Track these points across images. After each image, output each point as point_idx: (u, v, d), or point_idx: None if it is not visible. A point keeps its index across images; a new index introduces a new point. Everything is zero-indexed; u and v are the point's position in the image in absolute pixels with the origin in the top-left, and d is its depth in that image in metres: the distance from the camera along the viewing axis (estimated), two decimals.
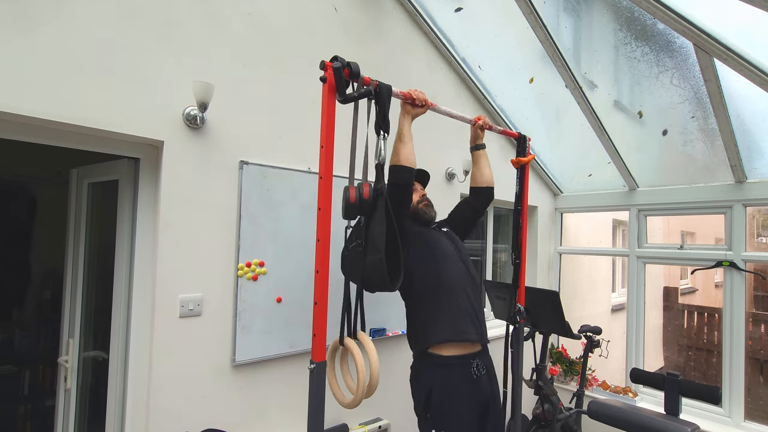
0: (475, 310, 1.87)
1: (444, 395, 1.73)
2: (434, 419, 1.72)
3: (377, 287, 1.60)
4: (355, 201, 1.47)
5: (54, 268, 3.44)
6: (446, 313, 1.81)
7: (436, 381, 1.74)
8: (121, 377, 1.86)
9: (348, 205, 1.47)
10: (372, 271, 1.50)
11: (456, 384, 1.75)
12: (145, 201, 1.84)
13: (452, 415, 1.71)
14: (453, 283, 1.85)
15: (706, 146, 2.79)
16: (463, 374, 1.77)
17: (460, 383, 1.75)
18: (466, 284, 1.89)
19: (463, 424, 1.71)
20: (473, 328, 1.83)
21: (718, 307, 5.79)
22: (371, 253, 1.49)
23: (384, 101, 1.53)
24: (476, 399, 1.78)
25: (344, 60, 1.42)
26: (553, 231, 4.05)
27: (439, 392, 1.73)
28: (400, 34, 2.72)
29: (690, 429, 2.37)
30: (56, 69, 1.49)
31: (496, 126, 2.13)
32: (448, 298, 1.82)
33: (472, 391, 1.77)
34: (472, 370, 1.79)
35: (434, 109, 1.79)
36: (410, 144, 1.72)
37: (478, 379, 1.81)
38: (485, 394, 1.82)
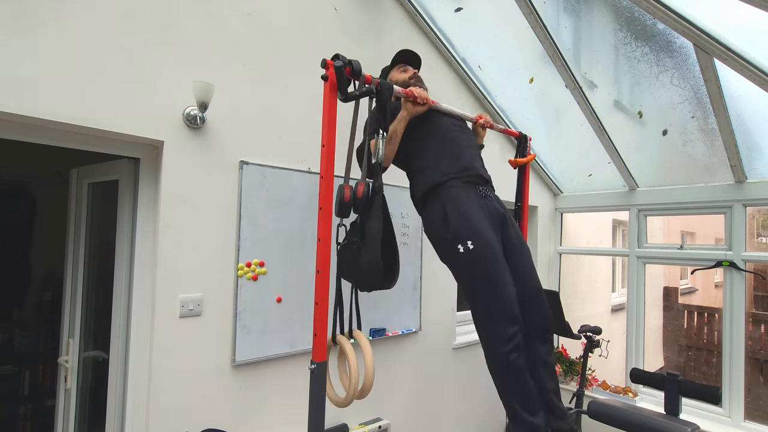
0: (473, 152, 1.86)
1: (457, 206, 1.68)
2: (456, 233, 1.65)
3: (373, 286, 1.60)
4: (349, 200, 1.47)
5: (54, 268, 3.44)
6: (447, 155, 1.78)
7: (447, 200, 1.70)
8: (121, 377, 1.86)
9: (342, 203, 1.47)
10: (368, 271, 1.50)
11: (466, 197, 1.71)
12: (145, 201, 1.84)
13: (471, 220, 1.65)
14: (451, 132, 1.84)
15: (706, 146, 2.79)
16: (470, 191, 1.73)
17: (470, 197, 1.72)
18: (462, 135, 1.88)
19: (482, 224, 1.66)
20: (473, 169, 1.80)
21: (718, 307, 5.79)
22: (367, 251, 1.49)
23: (385, 100, 1.53)
24: (490, 212, 1.74)
25: (346, 58, 1.42)
26: (553, 231, 4.05)
27: (452, 206, 1.68)
28: (400, 34, 2.72)
29: (690, 429, 2.37)
30: (56, 69, 1.49)
31: (498, 125, 2.13)
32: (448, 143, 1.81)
33: (484, 204, 1.74)
34: (479, 189, 1.77)
35: (435, 106, 1.79)
36: (395, 146, 1.73)
37: (487, 197, 1.78)
38: (499, 211, 1.78)
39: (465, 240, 1.62)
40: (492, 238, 1.66)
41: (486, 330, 1.62)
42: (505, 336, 1.55)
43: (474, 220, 1.66)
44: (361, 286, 1.63)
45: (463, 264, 1.65)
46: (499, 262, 1.64)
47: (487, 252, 1.62)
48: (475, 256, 1.61)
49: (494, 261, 1.62)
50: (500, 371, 1.58)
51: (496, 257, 1.63)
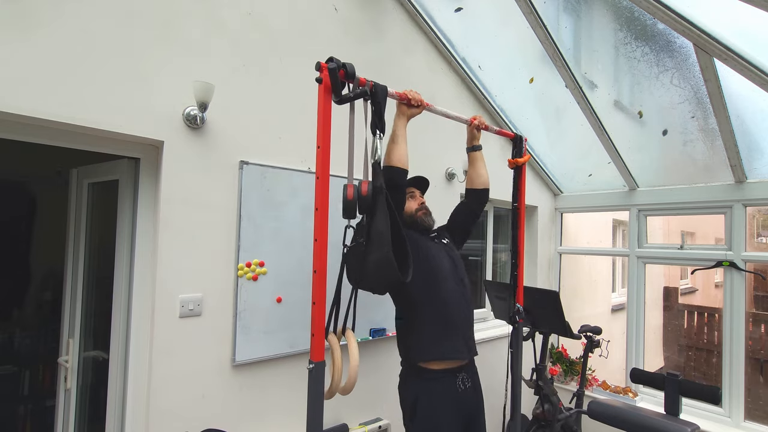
0: (465, 327, 1.91)
1: (429, 406, 1.77)
2: (419, 425, 1.77)
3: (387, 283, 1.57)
4: (353, 199, 1.46)
5: (54, 268, 3.44)
6: (438, 329, 1.83)
7: (423, 392, 1.79)
8: (121, 377, 1.86)
9: (346, 203, 1.46)
10: (380, 267, 1.47)
11: (441, 396, 1.79)
12: (145, 201, 1.84)
13: (435, 426, 1.75)
14: (446, 299, 1.87)
15: (706, 146, 2.79)
16: (448, 387, 1.81)
17: (445, 396, 1.79)
18: (459, 300, 1.90)
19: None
20: (463, 347, 1.87)
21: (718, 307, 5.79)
22: (377, 249, 1.48)
23: (379, 101, 1.53)
24: (460, 411, 1.82)
25: (339, 61, 1.43)
26: (553, 231, 4.05)
27: (424, 403, 1.77)
28: (400, 34, 2.72)
29: (690, 429, 2.37)
30: (56, 69, 1.49)
31: (492, 126, 2.13)
32: (441, 313, 1.84)
33: (457, 402, 1.81)
34: (458, 383, 1.84)
35: (430, 109, 1.80)
36: (404, 145, 1.73)
37: (464, 392, 1.85)
38: (470, 406, 1.87)
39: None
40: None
41: None
42: None
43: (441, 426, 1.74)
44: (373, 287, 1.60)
45: None
46: None
47: None
48: None
49: None
50: None
51: None
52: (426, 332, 1.82)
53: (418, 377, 1.82)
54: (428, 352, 1.81)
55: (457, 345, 1.84)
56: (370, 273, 1.51)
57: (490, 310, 3.57)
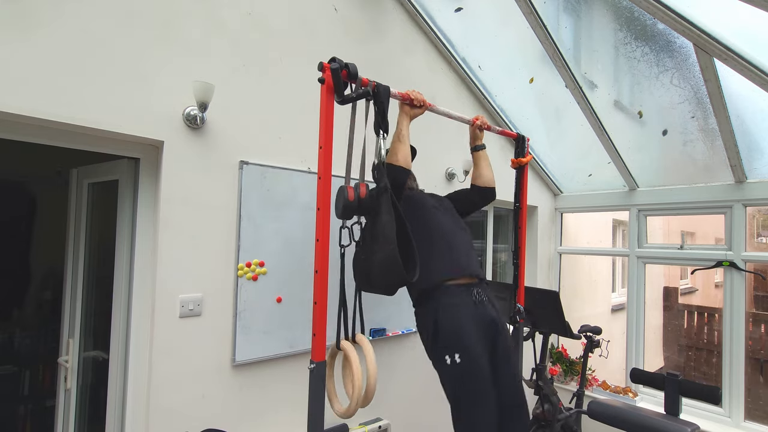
0: (468, 252, 1.89)
1: (448, 317, 1.70)
2: (445, 344, 1.68)
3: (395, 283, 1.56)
4: (353, 200, 1.46)
5: (54, 268, 3.44)
6: (442, 253, 1.81)
7: (439, 307, 1.73)
8: (121, 377, 1.86)
9: (345, 204, 1.46)
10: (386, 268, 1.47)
11: (458, 305, 1.73)
12: (145, 201, 1.84)
13: (460, 333, 1.68)
14: (444, 227, 1.86)
15: (706, 146, 2.79)
16: (463, 298, 1.76)
17: (462, 305, 1.74)
18: (456, 228, 1.90)
19: (471, 338, 1.68)
20: (469, 266, 1.83)
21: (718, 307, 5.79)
22: (380, 249, 1.48)
23: (382, 102, 1.53)
24: (481, 319, 1.76)
25: (342, 61, 1.43)
26: (553, 231, 4.05)
27: (443, 316, 1.71)
28: (400, 34, 2.72)
29: (690, 429, 2.37)
30: (56, 69, 1.49)
31: (495, 126, 2.13)
32: (442, 240, 1.83)
33: (475, 312, 1.75)
34: (473, 295, 1.79)
35: (432, 109, 1.80)
36: (407, 145, 1.73)
37: (480, 303, 1.79)
38: (491, 316, 1.80)
39: (453, 352, 1.65)
40: (480, 355, 1.68)
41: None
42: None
43: (464, 335, 1.68)
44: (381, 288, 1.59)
45: (449, 377, 1.68)
46: (484, 382, 1.66)
47: (474, 370, 1.64)
48: (462, 371, 1.64)
49: (479, 381, 1.65)
50: None
51: (481, 377, 1.65)
52: (432, 259, 1.78)
53: (431, 298, 1.77)
54: (436, 273, 1.77)
55: (462, 264, 1.81)
56: (377, 274, 1.51)
57: None
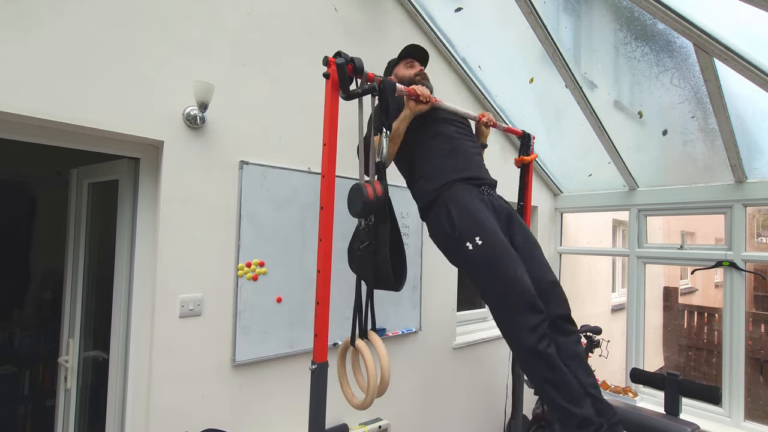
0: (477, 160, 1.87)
1: (461, 205, 1.67)
2: (462, 231, 1.62)
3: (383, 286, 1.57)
4: (374, 198, 1.41)
5: (54, 268, 3.44)
6: (448, 158, 1.78)
7: (450, 199, 1.69)
8: (121, 377, 1.86)
9: (367, 202, 1.41)
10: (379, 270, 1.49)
11: (469, 195, 1.70)
12: (145, 201, 1.83)
13: (475, 216, 1.63)
14: (452, 134, 1.84)
15: (706, 146, 2.79)
16: (473, 190, 1.73)
17: (473, 195, 1.71)
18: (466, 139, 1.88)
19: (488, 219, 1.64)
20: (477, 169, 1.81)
21: (718, 307, 5.79)
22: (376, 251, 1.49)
23: (387, 98, 1.51)
24: (494, 207, 1.74)
25: (347, 56, 1.41)
26: (553, 231, 4.05)
27: (455, 206, 1.67)
28: (400, 34, 2.72)
29: (690, 429, 2.37)
30: (56, 69, 1.49)
31: (501, 123, 2.12)
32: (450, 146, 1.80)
33: (487, 202, 1.73)
34: (482, 191, 1.77)
35: (438, 105, 1.79)
36: (398, 144, 1.72)
37: (490, 197, 1.78)
38: (504, 206, 1.78)
39: (473, 236, 1.58)
40: (499, 231, 1.63)
41: (509, 325, 1.54)
42: (529, 326, 1.47)
43: (479, 216, 1.63)
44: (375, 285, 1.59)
45: (474, 262, 1.60)
46: (511, 253, 1.59)
47: (497, 245, 1.57)
48: (486, 251, 1.56)
49: (506, 253, 1.57)
50: (533, 364, 1.49)
51: (506, 249, 1.59)
52: (437, 162, 1.77)
53: (439, 197, 1.73)
54: (444, 173, 1.75)
55: (470, 167, 1.79)
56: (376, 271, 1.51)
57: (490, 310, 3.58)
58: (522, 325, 1.49)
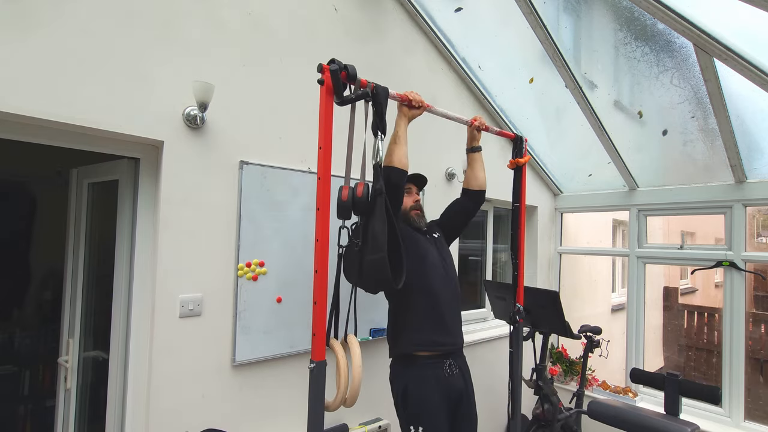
0: (453, 318, 1.97)
1: (417, 391, 1.83)
2: (410, 413, 1.83)
3: (380, 286, 1.60)
4: (347, 200, 1.48)
5: (54, 268, 3.44)
6: (425, 319, 1.89)
7: (411, 380, 1.85)
8: (121, 377, 1.86)
9: (340, 204, 1.49)
10: (374, 270, 1.51)
11: (429, 380, 1.84)
12: (145, 201, 1.84)
13: (426, 407, 1.80)
14: (435, 290, 1.91)
15: (706, 146, 2.79)
16: (436, 372, 1.87)
17: (432, 380, 1.85)
18: (447, 292, 1.96)
19: (436, 415, 1.80)
20: (450, 338, 1.93)
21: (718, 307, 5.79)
22: (372, 252, 1.50)
23: (381, 103, 1.54)
24: (448, 393, 1.87)
25: (341, 63, 1.43)
26: (553, 231, 4.05)
27: (413, 388, 1.83)
28: (400, 34, 2.72)
29: (690, 429, 2.37)
30: (56, 69, 1.49)
31: (493, 127, 2.13)
32: (428, 303, 1.90)
33: (445, 385, 1.86)
34: (445, 369, 1.89)
35: (431, 110, 1.80)
36: (404, 146, 1.75)
37: (451, 376, 1.90)
38: (458, 389, 1.91)
39: (417, 425, 1.78)
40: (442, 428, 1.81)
41: None
42: None
43: (431, 408, 1.80)
44: (366, 287, 1.64)
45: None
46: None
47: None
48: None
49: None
50: None
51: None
52: (414, 322, 1.88)
53: (405, 367, 1.89)
54: (415, 341, 1.88)
55: (443, 338, 1.90)
56: (365, 273, 1.54)
57: (490, 310, 3.57)
58: None
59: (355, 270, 1.56)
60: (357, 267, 1.55)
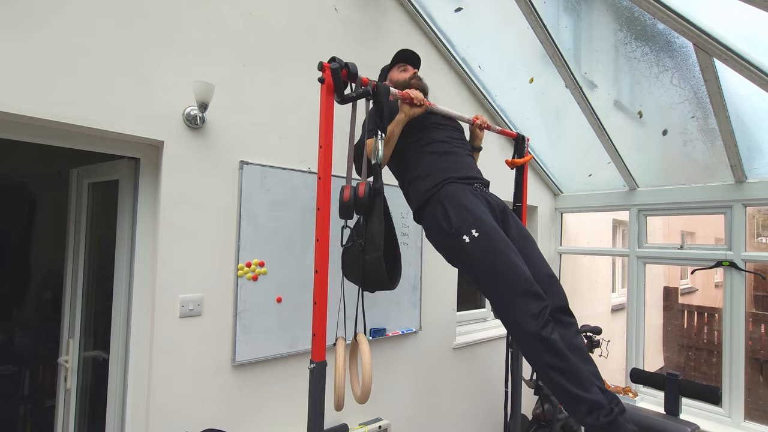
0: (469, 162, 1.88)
1: (455, 201, 1.67)
2: (458, 226, 1.61)
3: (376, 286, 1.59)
4: (349, 200, 1.47)
5: (54, 268, 3.44)
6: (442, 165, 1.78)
7: (445, 196, 1.69)
8: (121, 377, 1.86)
9: (342, 204, 1.48)
10: (370, 270, 1.50)
11: (463, 192, 1.71)
12: (145, 201, 1.84)
13: (470, 209, 1.63)
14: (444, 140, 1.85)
15: (706, 146, 2.79)
16: (466, 188, 1.74)
17: (466, 191, 1.71)
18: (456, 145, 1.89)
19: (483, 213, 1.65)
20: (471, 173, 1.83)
21: (718, 307, 5.79)
22: (368, 251, 1.50)
23: (381, 101, 1.53)
24: (489, 203, 1.75)
25: (342, 61, 1.43)
26: (553, 231, 4.05)
27: (450, 201, 1.67)
28: (400, 34, 2.72)
29: (690, 429, 2.37)
30: (56, 69, 1.49)
31: (495, 126, 2.13)
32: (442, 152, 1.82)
33: (481, 198, 1.73)
34: (475, 186, 1.78)
35: (432, 108, 1.80)
36: (392, 147, 1.75)
37: (483, 193, 1.78)
38: (498, 202, 1.80)
39: (469, 230, 1.57)
40: (495, 224, 1.64)
41: (511, 313, 1.51)
42: (532, 313, 1.45)
43: (475, 210, 1.63)
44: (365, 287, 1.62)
45: (472, 255, 1.58)
46: (508, 244, 1.58)
47: (494, 237, 1.57)
48: (483, 242, 1.56)
49: (503, 244, 1.57)
50: (538, 351, 1.44)
51: (504, 240, 1.58)
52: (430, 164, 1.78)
53: (434, 197, 1.73)
54: (437, 174, 1.75)
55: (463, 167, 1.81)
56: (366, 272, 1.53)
57: (490, 310, 3.58)
58: (525, 312, 1.47)
59: (358, 269, 1.55)
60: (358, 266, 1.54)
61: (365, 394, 1.49)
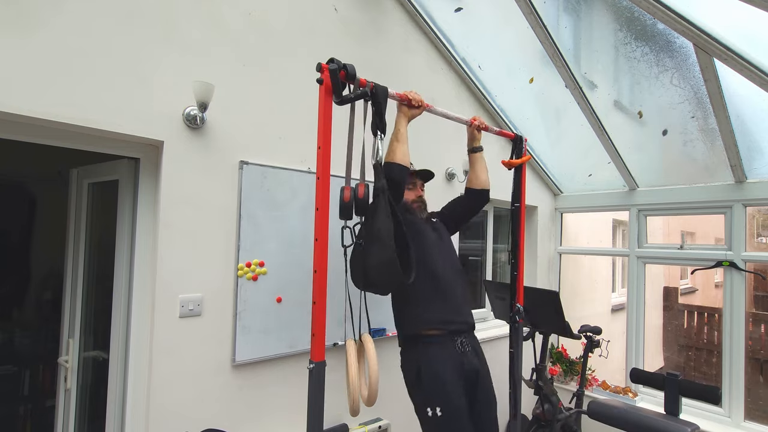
0: (460, 298, 1.93)
1: (431, 369, 1.78)
2: (425, 394, 1.76)
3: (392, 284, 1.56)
4: (349, 201, 1.48)
5: (54, 268, 3.44)
6: (433, 300, 1.85)
7: (423, 358, 1.80)
8: (121, 377, 1.86)
9: (342, 204, 1.48)
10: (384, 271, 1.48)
11: (442, 357, 1.80)
12: (145, 201, 1.84)
13: (441, 386, 1.75)
14: (438, 271, 1.89)
15: (706, 146, 2.79)
16: (448, 349, 1.83)
17: (446, 356, 1.81)
18: (450, 273, 1.93)
19: (453, 393, 1.75)
20: (459, 317, 1.88)
21: (718, 307, 5.79)
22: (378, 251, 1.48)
23: (380, 102, 1.54)
24: (463, 371, 1.83)
25: (340, 62, 1.43)
26: (553, 231, 4.05)
27: (426, 366, 1.78)
28: (400, 34, 2.72)
29: (690, 429, 2.37)
30: (56, 69, 1.49)
31: (493, 127, 2.13)
32: (433, 284, 1.86)
33: (459, 362, 1.82)
34: (457, 346, 1.85)
35: (430, 110, 1.80)
36: (406, 144, 1.74)
37: (464, 354, 1.86)
38: (473, 367, 1.87)
39: (434, 405, 1.72)
40: (460, 408, 1.75)
41: None
42: None
43: (446, 385, 1.75)
44: (376, 289, 1.60)
45: (430, 427, 1.75)
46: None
47: (454, 424, 1.72)
48: (443, 425, 1.71)
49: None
50: None
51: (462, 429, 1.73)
52: (419, 303, 1.85)
53: (416, 345, 1.85)
54: (424, 321, 1.84)
55: (451, 315, 1.86)
56: (374, 275, 1.51)
57: (490, 310, 3.57)
58: None
59: (361, 274, 1.55)
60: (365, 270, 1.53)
61: (372, 398, 1.49)
